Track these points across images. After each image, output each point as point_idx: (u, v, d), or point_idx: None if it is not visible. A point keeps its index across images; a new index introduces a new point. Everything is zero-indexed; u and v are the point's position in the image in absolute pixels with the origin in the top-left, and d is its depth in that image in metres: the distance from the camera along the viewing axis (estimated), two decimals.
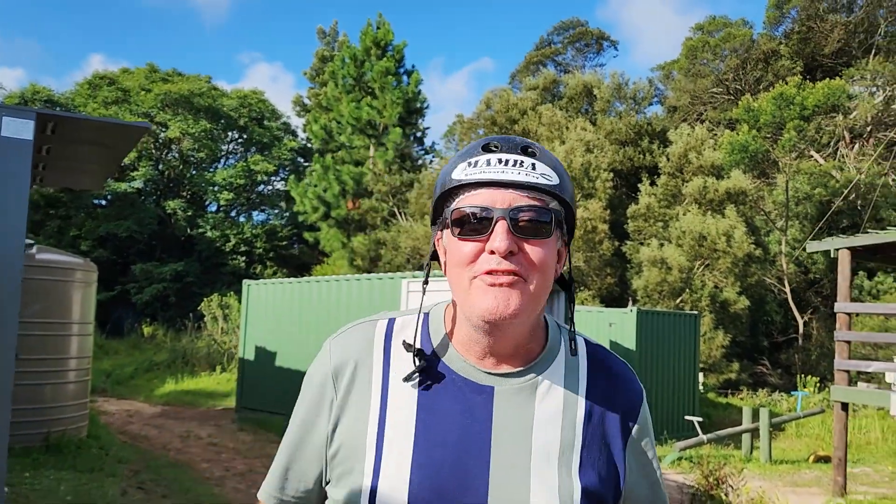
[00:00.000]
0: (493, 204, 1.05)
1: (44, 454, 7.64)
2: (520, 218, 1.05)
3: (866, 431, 14.12)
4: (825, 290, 22.39)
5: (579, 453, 1.11)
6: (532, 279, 1.05)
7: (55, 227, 27.19)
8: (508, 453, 1.08)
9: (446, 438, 1.08)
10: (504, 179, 1.05)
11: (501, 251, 1.03)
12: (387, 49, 22.24)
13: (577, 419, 1.13)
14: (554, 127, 24.52)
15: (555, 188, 1.08)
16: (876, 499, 8.97)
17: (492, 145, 1.09)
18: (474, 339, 1.11)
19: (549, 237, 1.07)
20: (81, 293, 8.50)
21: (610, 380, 1.20)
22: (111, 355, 21.24)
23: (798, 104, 23.14)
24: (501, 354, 1.12)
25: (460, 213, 1.07)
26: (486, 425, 1.09)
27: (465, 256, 1.06)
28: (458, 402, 1.10)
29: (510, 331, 1.08)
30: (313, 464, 1.16)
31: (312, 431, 1.15)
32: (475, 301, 1.05)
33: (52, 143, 4.65)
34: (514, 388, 1.11)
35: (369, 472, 1.07)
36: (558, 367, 1.16)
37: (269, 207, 32.95)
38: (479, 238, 1.05)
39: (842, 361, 9.31)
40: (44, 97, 28.48)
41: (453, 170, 1.10)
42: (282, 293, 13.33)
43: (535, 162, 1.08)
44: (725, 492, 6.76)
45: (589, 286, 20.81)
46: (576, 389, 1.15)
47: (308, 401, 1.17)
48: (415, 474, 1.06)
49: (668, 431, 13.28)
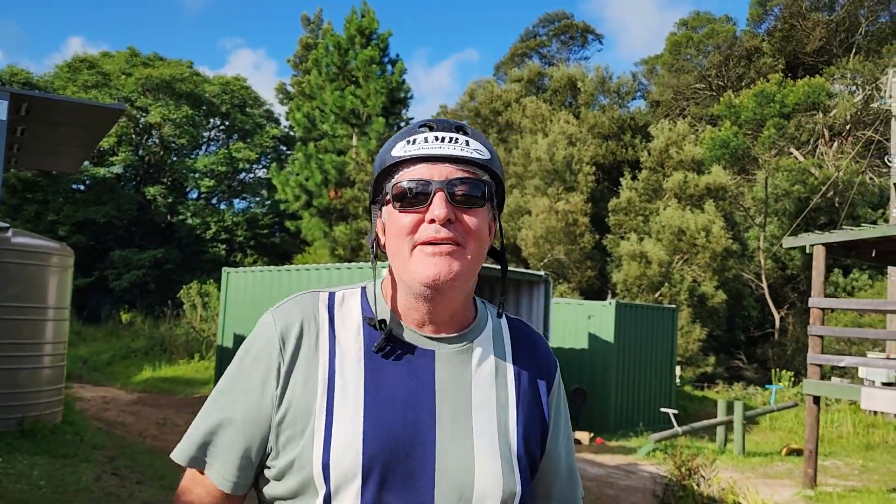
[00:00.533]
0: (432, 177, 1.13)
1: (18, 439, 7.57)
2: (456, 189, 1.13)
3: (838, 425, 14.33)
4: (802, 286, 22.65)
5: (514, 409, 1.20)
6: (469, 246, 1.13)
7: (33, 211, 26.85)
8: (452, 410, 1.15)
9: (395, 396, 1.13)
10: (441, 154, 1.13)
11: (441, 219, 1.10)
12: (371, 38, 22.12)
13: (509, 380, 1.22)
14: (537, 119, 24.56)
15: (487, 162, 1.17)
16: (845, 491, 9.13)
17: (429, 124, 1.17)
18: (413, 307, 1.18)
19: (483, 207, 1.16)
20: (57, 278, 8.41)
21: (530, 348, 1.29)
22: (88, 341, 21.05)
23: (779, 102, 23.35)
24: (439, 322, 1.19)
25: (401, 188, 1.14)
26: (430, 385, 1.16)
27: (405, 227, 1.13)
28: (402, 364, 1.16)
29: (448, 296, 1.16)
30: (256, 437, 1.16)
31: (260, 405, 1.15)
32: (417, 268, 1.12)
33: (27, 124, 4.60)
34: (452, 352, 1.19)
35: (321, 429, 1.11)
36: (487, 334, 1.24)
37: (251, 195, 32.73)
38: (419, 209, 1.13)
39: (815, 356, 9.44)
40: (22, 79, 28.07)
41: (392, 148, 1.17)
42: (262, 281, 13.28)
43: (468, 139, 1.16)
44: (697, 482, 6.84)
45: (569, 279, 20.91)
46: (503, 354, 1.24)
47: (253, 372, 1.17)
48: (368, 429, 1.10)
49: (643, 423, 13.41)
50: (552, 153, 21.80)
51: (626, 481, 8.96)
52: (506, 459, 1.15)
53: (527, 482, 1.19)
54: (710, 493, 6.74)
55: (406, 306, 1.19)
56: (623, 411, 13.47)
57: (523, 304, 12.67)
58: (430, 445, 1.12)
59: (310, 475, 1.10)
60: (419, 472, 1.11)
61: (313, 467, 1.10)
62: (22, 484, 6.08)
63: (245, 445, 1.16)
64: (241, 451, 1.16)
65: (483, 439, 1.15)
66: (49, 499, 5.78)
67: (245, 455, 1.17)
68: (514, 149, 24.81)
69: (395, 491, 1.09)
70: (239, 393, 1.18)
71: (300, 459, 1.11)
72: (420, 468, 1.11)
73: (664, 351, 14.44)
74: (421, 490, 1.10)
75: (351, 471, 1.09)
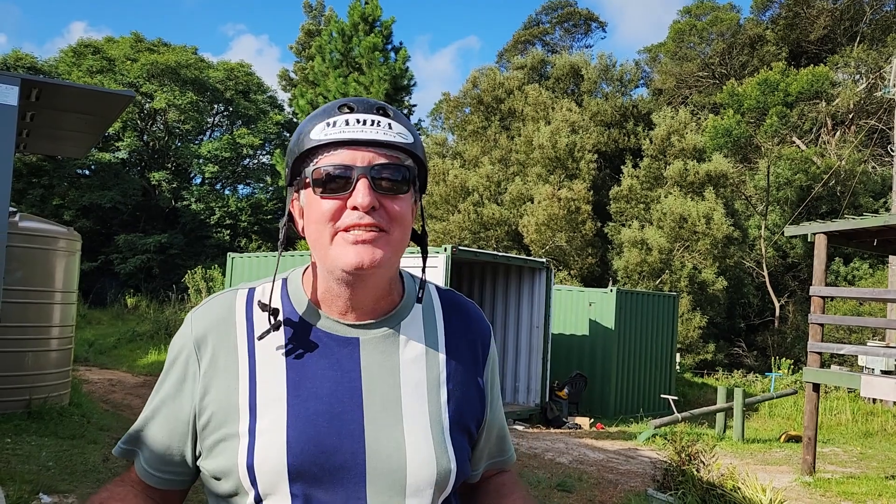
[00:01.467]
0: (354, 162, 1.08)
1: (25, 420, 7.67)
2: (380, 175, 1.09)
3: (837, 413, 14.42)
4: (802, 275, 22.70)
5: (445, 387, 1.18)
6: (393, 231, 1.10)
7: (38, 195, 26.92)
8: (379, 397, 1.13)
9: (318, 391, 1.11)
10: (363, 138, 1.09)
11: (365, 206, 1.07)
12: (375, 25, 22.08)
13: (440, 357, 1.20)
14: (540, 107, 24.54)
15: (410, 146, 1.12)
16: (843, 478, 9.21)
17: (348, 105, 1.12)
18: (336, 294, 1.15)
19: (406, 193, 1.13)
20: (65, 262, 8.49)
21: (463, 319, 1.27)
22: (94, 325, 21.18)
23: (782, 90, 23.30)
24: (362, 308, 1.16)
25: (322, 172, 1.09)
26: (356, 374, 1.13)
27: (326, 213, 1.09)
28: (324, 356, 1.14)
29: (371, 282, 1.13)
30: (176, 439, 1.16)
31: (176, 407, 1.16)
32: (338, 255, 1.09)
33: (37, 109, 4.66)
34: (377, 337, 1.16)
35: (245, 433, 1.09)
36: (416, 313, 1.22)
37: (255, 181, 32.77)
38: (341, 196, 1.09)
39: (815, 344, 9.50)
40: (27, 64, 28.05)
41: (311, 130, 1.12)
42: (265, 266, 13.36)
43: (391, 122, 1.12)
44: (697, 468, 6.93)
45: (570, 266, 20.97)
46: (434, 331, 1.22)
47: (171, 376, 1.18)
48: (291, 428, 1.08)
49: (643, 409, 13.52)
50: (555, 141, 21.80)
51: (625, 466, 9.06)
52: (438, 440, 1.13)
53: (463, 458, 1.17)
54: (709, 479, 6.82)
55: (328, 294, 1.16)
56: (623, 397, 13.57)
57: (525, 290, 12.75)
58: (358, 436, 1.10)
59: (237, 479, 1.08)
60: (349, 465, 1.09)
61: (238, 472, 1.08)
62: (30, 465, 6.18)
63: (167, 443, 1.16)
64: (163, 448, 1.16)
65: (414, 423, 1.13)
66: (57, 479, 5.88)
67: (167, 452, 1.16)
68: (516, 136, 24.80)
69: (326, 486, 1.08)
70: (162, 393, 1.18)
71: (227, 464, 1.09)
72: (350, 460, 1.09)
73: (665, 338, 14.51)
74: (353, 482, 1.08)
75: (276, 473, 1.06)
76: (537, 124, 23.33)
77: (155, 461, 1.18)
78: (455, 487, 1.18)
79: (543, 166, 22.26)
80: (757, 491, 6.56)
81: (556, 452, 9.58)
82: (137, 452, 1.20)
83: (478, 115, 27.35)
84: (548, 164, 22.15)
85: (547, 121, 23.27)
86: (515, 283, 12.89)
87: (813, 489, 8.55)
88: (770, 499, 6.45)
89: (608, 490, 7.68)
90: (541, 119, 23.75)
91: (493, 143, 25.99)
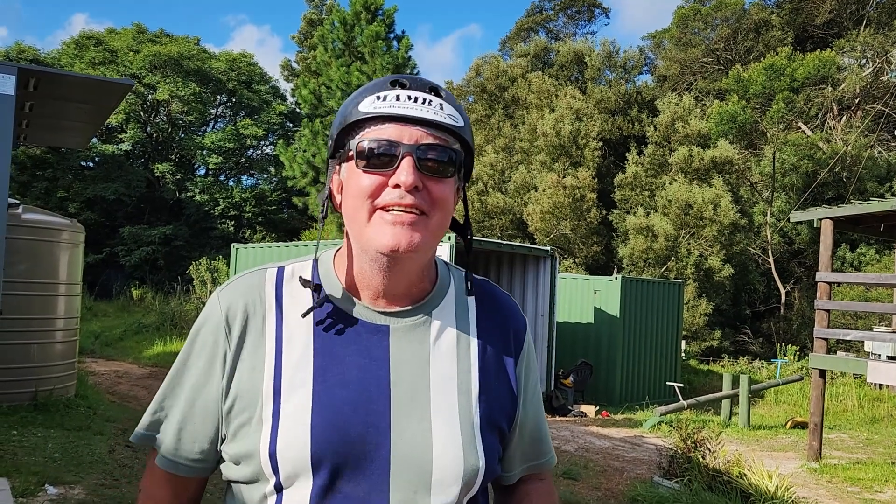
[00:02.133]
0: (401, 139, 1.04)
1: (32, 412, 7.69)
2: (426, 156, 1.05)
3: (843, 399, 14.40)
4: (808, 261, 22.62)
5: (477, 380, 1.14)
6: (433, 215, 1.06)
7: (42, 188, 26.97)
8: (408, 388, 1.09)
9: (345, 379, 1.08)
10: (413, 115, 1.05)
11: (408, 185, 1.02)
12: (377, 13, 21.97)
13: (472, 349, 1.16)
14: (543, 95, 24.43)
15: (460, 130, 1.08)
16: (850, 463, 9.20)
17: (400, 82, 1.08)
18: (368, 278, 1.11)
19: (451, 177, 1.08)
20: (69, 254, 8.50)
21: (498, 311, 1.23)
22: (100, 317, 21.25)
23: (788, 75, 23.14)
24: (394, 294, 1.13)
25: (366, 146, 1.05)
26: (384, 363, 1.10)
27: (367, 189, 1.05)
28: (353, 342, 1.10)
29: (406, 266, 1.10)
30: (207, 424, 1.12)
31: (205, 390, 1.12)
32: (375, 235, 1.05)
33: (36, 99, 4.64)
34: (408, 326, 1.13)
35: (268, 418, 1.06)
36: (449, 303, 1.18)
37: (258, 172, 32.77)
38: (384, 172, 1.05)
39: (821, 330, 9.47)
40: (29, 56, 28.04)
41: (360, 102, 1.08)
42: (270, 257, 13.36)
43: (442, 102, 1.08)
44: (703, 455, 6.92)
45: (575, 254, 20.93)
46: (467, 322, 1.18)
47: (200, 358, 1.13)
48: (316, 416, 1.05)
49: (649, 396, 13.51)
50: (559, 129, 21.72)
51: (631, 454, 9.06)
52: (467, 436, 1.10)
53: (493, 456, 1.14)
54: (715, 466, 6.82)
55: (360, 276, 1.12)
56: (629, 385, 13.56)
57: (529, 278, 12.72)
58: (384, 428, 1.06)
59: (258, 464, 1.06)
60: (373, 457, 1.05)
61: (260, 457, 1.05)
62: (37, 456, 6.19)
63: (198, 428, 1.12)
64: (194, 434, 1.13)
65: (442, 417, 1.09)
66: (63, 471, 5.90)
67: (198, 438, 1.13)
68: (520, 124, 24.72)
69: (348, 478, 1.05)
70: (186, 377, 1.15)
71: (249, 449, 1.07)
72: (374, 452, 1.05)
73: (670, 325, 14.49)
74: (376, 475, 1.05)
75: (299, 461, 1.04)
76: (541, 112, 23.23)
77: (185, 448, 1.13)
78: (483, 486, 1.14)
79: (548, 154, 22.18)
80: (763, 477, 6.55)
81: (562, 440, 9.58)
82: (158, 440, 1.16)
83: (481, 104, 27.25)
84: (552, 151, 22.07)
85: (551, 108, 23.17)
86: (520, 272, 12.86)
87: (819, 475, 8.54)
88: (776, 485, 6.44)
89: (614, 477, 7.68)
90: (545, 107, 23.65)
91: (497, 131, 25.91)
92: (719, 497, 6.36)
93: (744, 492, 6.46)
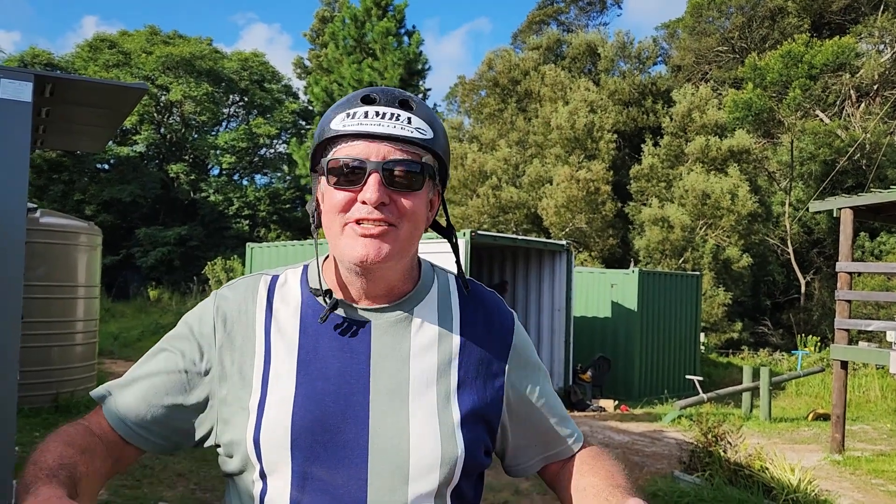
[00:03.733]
0: (368, 156, 1.09)
1: (53, 414, 7.77)
2: (393, 171, 1.10)
3: (866, 390, 14.25)
4: (828, 251, 22.40)
5: (457, 377, 1.18)
6: (402, 226, 1.12)
7: (59, 191, 27.21)
8: (387, 382, 1.14)
9: (327, 372, 1.14)
10: (379, 132, 1.09)
11: (373, 202, 1.08)
12: (387, 9, 21.95)
13: (453, 346, 1.20)
14: (557, 87, 24.32)
15: (428, 142, 1.12)
16: (873, 455, 9.09)
17: (370, 97, 1.12)
18: (349, 281, 1.18)
19: (420, 189, 1.13)
20: (86, 256, 8.56)
21: (481, 308, 1.26)
22: (118, 318, 21.42)
23: (806, 62, 22.86)
24: (375, 295, 1.18)
25: (336, 164, 1.11)
26: (365, 357, 1.15)
27: (338, 204, 1.11)
28: (336, 339, 1.16)
29: (381, 274, 1.15)
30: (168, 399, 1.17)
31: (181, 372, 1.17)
32: (346, 247, 1.11)
33: (52, 105, 4.66)
34: (389, 322, 1.18)
35: (254, 408, 1.12)
36: (431, 300, 1.22)
37: (272, 171, 32.89)
38: (353, 189, 1.10)
39: (842, 320, 9.36)
40: (44, 60, 28.27)
41: (332, 119, 1.13)
42: (285, 256, 13.39)
43: (410, 116, 1.11)
44: (724, 448, 6.86)
45: (591, 247, 20.84)
46: (449, 319, 1.22)
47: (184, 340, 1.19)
48: (298, 406, 1.11)
49: (668, 390, 13.43)
50: (573, 121, 21.61)
51: (651, 448, 9.01)
52: (446, 426, 1.14)
53: (475, 446, 1.17)
54: (736, 460, 6.75)
55: (342, 281, 1.19)
56: (647, 379, 13.48)
57: (545, 273, 12.67)
58: (363, 417, 1.12)
59: (245, 452, 1.12)
60: (352, 445, 1.11)
61: (246, 445, 1.11)
62: None
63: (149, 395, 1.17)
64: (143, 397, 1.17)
65: (420, 409, 1.14)
66: None
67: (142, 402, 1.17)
68: (533, 118, 24.62)
69: (326, 465, 1.10)
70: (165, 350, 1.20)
71: (237, 438, 1.13)
72: (353, 441, 1.11)
73: (688, 318, 14.39)
74: (354, 463, 1.10)
75: (280, 446, 1.10)
76: (555, 105, 23.12)
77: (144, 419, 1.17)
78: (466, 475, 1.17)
79: (562, 147, 22.08)
80: (785, 471, 6.48)
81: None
82: (115, 401, 1.18)
83: (494, 98, 27.17)
84: (566, 144, 21.96)
85: (564, 101, 23.06)
86: (536, 267, 12.81)
87: (843, 468, 8.45)
88: (799, 478, 6.37)
89: (634, 472, 7.63)
90: (558, 99, 23.54)
91: (511, 125, 25.82)
92: (741, 491, 6.29)
93: (766, 486, 6.39)
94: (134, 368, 1.22)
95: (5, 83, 3.59)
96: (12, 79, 3.65)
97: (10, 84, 3.60)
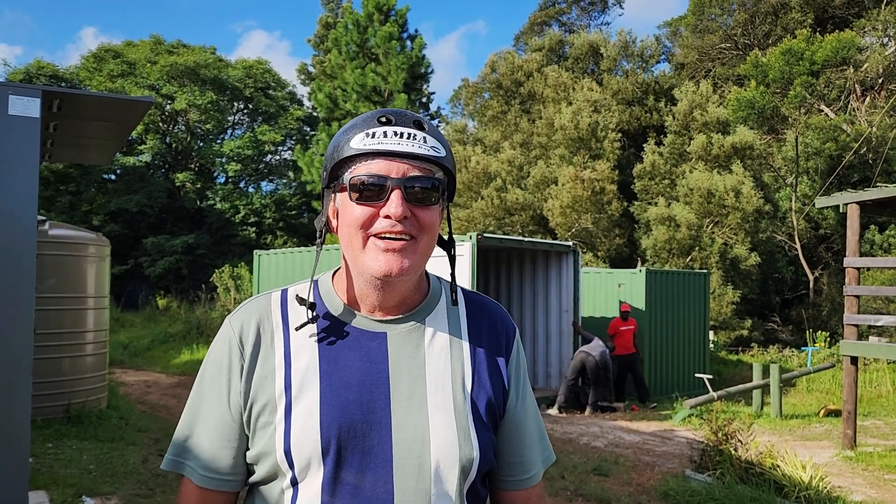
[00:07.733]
0: (389, 173, 1.16)
1: (65, 425, 7.81)
2: (413, 187, 1.17)
3: (877, 385, 14.19)
4: (836, 246, 22.30)
5: (470, 378, 1.27)
6: (421, 238, 1.19)
7: (66, 202, 27.35)
8: (406, 387, 1.22)
9: (349, 381, 1.20)
10: (400, 150, 1.17)
11: (397, 216, 1.15)
12: (389, 14, 22.01)
13: (464, 350, 1.28)
14: (560, 88, 24.33)
15: (442, 160, 1.20)
16: (886, 451, 9.06)
17: (386, 117, 1.19)
18: (365, 294, 1.24)
19: (436, 204, 1.21)
20: (95, 267, 8.60)
21: (487, 318, 1.34)
22: (127, 328, 21.50)
23: (807, 59, 22.79)
24: (388, 306, 1.25)
25: (359, 180, 1.17)
26: (384, 366, 1.22)
27: (360, 219, 1.18)
28: (354, 349, 1.23)
29: (399, 286, 1.23)
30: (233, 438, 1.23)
31: (225, 403, 1.23)
32: (369, 261, 1.18)
33: (59, 119, 4.70)
34: (403, 332, 1.25)
35: (281, 420, 1.18)
36: (441, 311, 1.30)
37: (278, 177, 32.97)
38: (375, 204, 1.17)
39: (851, 316, 9.33)
40: (49, 73, 28.42)
41: (351, 139, 1.19)
42: (292, 262, 13.43)
43: (425, 135, 1.19)
44: (735, 447, 6.85)
45: (597, 247, 20.82)
46: (458, 328, 1.30)
47: (216, 376, 1.24)
48: (324, 414, 1.17)
49: (678, 389, 13.40)
50: (577, 121, 21.60)
51: (662, 447, 9.00)
52: (462, 427, 1.21)
53: (487, 446, 1.25)
54: (747, 458, 6.74)
55: (358, 293, 1.25)
56: (657, 378, 13.46)
57: (552, 274, 12.68)
58: (385, 422, 1.19)
59: (275, 462, 1.18)
60: (377, 449, 1.17)
61: (277, 455, 1.17)
62: (73, 468, 6.28)
63: (217, 444, 1.23)
64: (214, 449, 1.23)
65: (438, 411, 1.21)
66: (99, 482, 5.97)
67: (217, 452, 1.23)
68: (537, 119, 24.62)
69: (354, 469, 1.16)
70: (206, 397, 1.25)
71: (267, 449, 1.19)
72: (377, 445, 1.18)
73: (697, 316, 14.36)
74: (380, 465, 1.17)
75: (311, 454, 1.16)
76: (558, 106, 23.12)
77: (207, 462, 1.23)
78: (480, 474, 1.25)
79: (566, 148, 22.07)
80: (797, 468, 6.47)
81: (591, 436, 9.54)
82: (186, 463, 1.25)
83: (497, 100, 27.18)
84: (570, 145, 21.96)
85: (568, 101, 23.05)
86: (543, 268, 12.82)
87: (855, 464, 8.42)
88: (811, 475, 6.36)
89: (645, 472, 7.63)
90: (561, 100, 23.54)
91: (514, 127, 25.83)
92: (753, 489, 6.28)
93: (777, 483, 6.38)
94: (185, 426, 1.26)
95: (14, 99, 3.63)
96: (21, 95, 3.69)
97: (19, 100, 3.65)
